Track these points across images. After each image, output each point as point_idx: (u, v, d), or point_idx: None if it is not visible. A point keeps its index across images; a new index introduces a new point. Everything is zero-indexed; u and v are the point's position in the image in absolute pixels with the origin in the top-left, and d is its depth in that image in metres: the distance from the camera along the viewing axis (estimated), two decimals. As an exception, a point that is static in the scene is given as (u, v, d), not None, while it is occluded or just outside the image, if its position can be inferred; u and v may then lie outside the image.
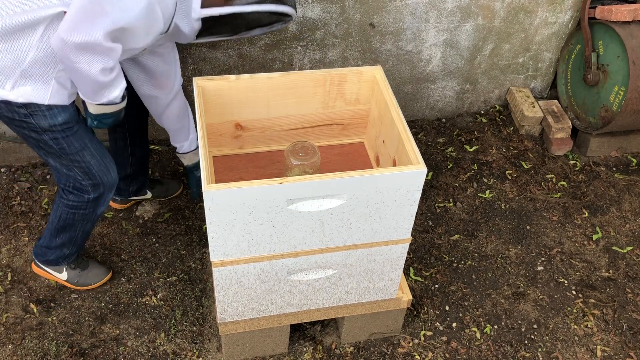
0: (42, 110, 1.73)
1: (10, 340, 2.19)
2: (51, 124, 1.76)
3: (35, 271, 2.33)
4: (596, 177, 2.96)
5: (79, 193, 1.98)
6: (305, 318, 2.06)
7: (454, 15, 2.82)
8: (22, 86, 1.68)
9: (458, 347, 2.26)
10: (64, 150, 1.83)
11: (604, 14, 2.80)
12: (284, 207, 1.64)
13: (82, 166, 1.89)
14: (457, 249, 2.59)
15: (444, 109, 3.21)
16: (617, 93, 2.78)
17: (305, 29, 2.70)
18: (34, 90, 1.69)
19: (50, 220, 2.11)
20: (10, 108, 1.71)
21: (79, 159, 1.87)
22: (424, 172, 1.66)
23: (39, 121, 1.74)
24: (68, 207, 2.02)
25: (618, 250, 2.64)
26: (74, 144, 1.84)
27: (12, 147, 2.79)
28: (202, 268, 2.45)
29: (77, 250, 2.22)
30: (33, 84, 1.69)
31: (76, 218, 2.05)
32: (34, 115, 1.73)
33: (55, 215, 2.07)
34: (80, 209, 2.02)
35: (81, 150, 1.86)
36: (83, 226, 2.09)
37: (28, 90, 1.69)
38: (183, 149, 2.28)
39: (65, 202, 2.01)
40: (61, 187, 2.00)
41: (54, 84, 1.71)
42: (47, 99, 1.72)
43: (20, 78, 1.67)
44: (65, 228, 2.09)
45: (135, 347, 2.19)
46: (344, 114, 2.07)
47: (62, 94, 1.75)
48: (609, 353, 2.28)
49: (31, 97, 1.70)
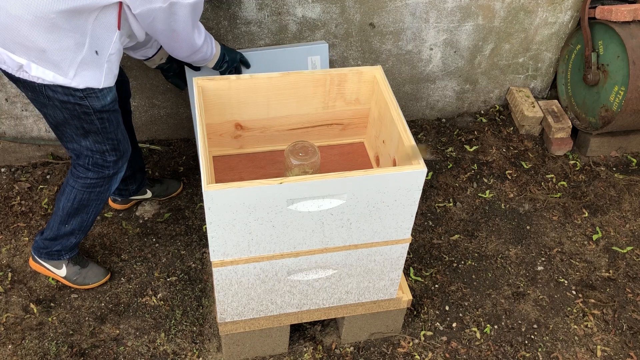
0: (95, 93, 1.87)
1: (10, 340, 2.19)
2: (103, 105, 1.91)
3: (33, 267, 2.33)
4: (596, 177, 2.96)
5: (99, 169, 2.07)
6: (305, 318, 2.06)
7: (454, 15, 2.82)
8: (82, 72, 1.80)
9: (458, 347, 2.26)
10: (105, 128, 1.97)
11: (604, 14, 2.80)
12: (284, 207, 1.64)
13: (114, 142, 2.03)
14: (457, 249, 2.59)
15: (444, 109, 3.21)
16: (617, 93, 2.78)
17: (305, 29, 2.70)
18: (91, 75, 1.83)
19: (62, 206, 2.14)
20: (67, 91, 1.83)
21: (113, 136, 2.02)
22: (424, 172, 1.66)
23: (92, 103, 1.88)
24: (85, 186, 2.09)
25: (618, 250, 2.64)
26: (113, 122, 1.99)
27: (12, 147, 2.79)
28: (202, 268, 2.45)
29: (83, 237, 2.27)
30: (91, 70, 1.82)
31: (91, 197, 2.13)
32: (88, 98, 1.86)
33: (69, 198, 2.12)
34: (97, 187, 2.11)
35: (117, 127, 2.02)
36: (96, 207, 2.17)
37: (87, 75, 1.82)
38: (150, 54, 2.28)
39: (82, 181, 2.08)
40: (81, 165, 2.07)
41: (106, 68, 1.85)
42: (101, 83, 1.86)
43: (80, 65, 1.79)
44: (79, 210, 2.14)
45: (135, 347, 2.19)
46: (344, 114, 2.07)
47: (110, 76, 1.89)
48: (609, 353, 2.28)
49: (90, 82, 1.83)
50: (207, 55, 2.10)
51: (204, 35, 2.01)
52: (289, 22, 2.66)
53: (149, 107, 2.83)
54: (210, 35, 2.09)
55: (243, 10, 2.57)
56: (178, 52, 2.01)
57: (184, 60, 2.09)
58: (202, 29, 2.00)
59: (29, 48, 1.72)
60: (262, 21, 2.63)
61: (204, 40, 2.02)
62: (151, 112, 2.86)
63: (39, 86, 1.81)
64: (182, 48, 1.98)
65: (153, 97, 2.80)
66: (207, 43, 2.06)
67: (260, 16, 2.61)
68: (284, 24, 2.66)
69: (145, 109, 2.83)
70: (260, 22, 2.63)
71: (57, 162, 2.84)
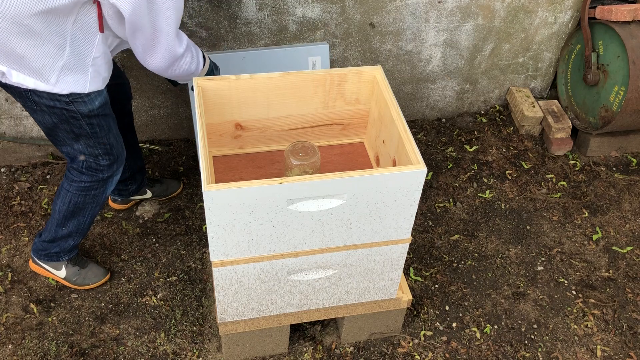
0: (81, 97, 1.83)
1: (10, 340, 2.19)
2: (90, 109, 1.87)
3: (33, 268, 2.33)
4: (596, 177, 2.96)
5: (93, 173, 2.06)
6: (305, 318, 2.06)
7: (454, 15, 2.82)
8: (64, 78, 1.77)
9: (458, 347, 2.26)
10: (95, 133, 1.94)
11: (604, 14, 2.79)
12: (284, 207, 1.64)
13: (106, 146, 2.01)
14: (457, 249, 2.59)
15: (444, 109, 3.21)
16: (617, 93, 2.78)
17: (305, 29, 2.70)
18: (75, 80, 1.79)
19: (57, 209, 2.13)
20: (53, 97, 1.80)
21: (105, 141, 1.99)
22: (424, 172, 1.66)
23: (79, 107, 1.85)
24: (80, 189, 2.08)
25: (618, 250, 2.64)
26: (104, 126, 1.96)
27: (12, 147, 2.79)
28: (202, 268, 2.45)
29: (81, 239, 2.26)
30: (74, 75, 1.78)
31: (87, 200, 2.11)
32: (74, 103, 1.83)
33: (64, 201, 2.11)
34: (91, 190, 2.09)
35: (108, 132, 1.98)
36: (92, 210, 2.16)
37: (70, 81, 1.78)
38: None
39: (77, 185, 2.07)
40: (75, 169, 2.06)
41: (91, 72, 1.81)
42: (87, 87, 1.82)
43: (62, 71, 1.75)
44: (75, 213, 2.13)
45: (135, 347, 2.19)
46: (344, 114, 2.07)
47: (97, 80, 1.85)
48: (609, 353, 2.28)
49: (74, 87, 1.80)
50: (191, 69, 1.93)
51: (185, 43, 1.86)
52: (289, 22, 2.66)
53: (149, 107, 2.83)
54: (197, 49, 1.97)
55: (243, 10, 2.57)
56: (156, 61, 1.83)
57: (164, 73, 1.91)
58: (185, 38, 1.87)
59: (8, 54, 1.69)
60: (262, 21, 2.63)
61: (185, 48, 1.86)
62: (151, 112, 2.86)
63: (25, 91, 1.79)
64: (161, 54, 1.81)
65: (153, 97, 2.80)
66: (192, 54, 1.91)
67: (260, 16, 2.61)
68: (284, 24, 2.66)
69: (145, 109, 2.83)
70: (260, 22, 2.63)
71: (57, 162, 2.84)
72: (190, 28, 2.58)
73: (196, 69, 1.96)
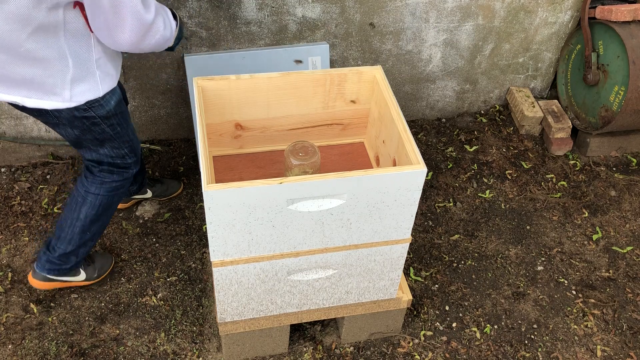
0: (98, 102, 1.84)
1: (10, 340, 2.19)
2: (108, 110, 1.88)
3: (42, 287, 2.24)
4: (596, 177, 2.96)
5: (122, 171, 2.09)
6: (305, 318, 2.06)
7: (454, 15, 2.82)
8: (77, 89, 1.77)
9: (458, 347, 2.26)
10: (118, 133, 1.97)
11: (604, 14, 2.79)
12: (284, 207, 1.64)
13: (130, 144, 2.05)
14: (457, 249, 2.59)
15: (444, 109, 3.21)
16: (617, 93, 2.78)
17: (305, 28, 2.70)
18: (88, 88, 1.79)
19: (82, 217, 2.10)
20: (70, 109, 1.80)
21: (128, 138, 2.02)
22: (424, 172, 1.66)
23: (97, 112, 1.86)
24: (110, 189, 2.10)
25: (618, 250, 2.64)
26: (123, 124, 1.98)
27: (12, 147, 2.79)
28: (202, 268, 2.45)
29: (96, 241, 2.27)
30: (85, 84, 1.78)
31: (114, 200, 2.14)
32: (92, 108, 1.84)
33: (93, 206, 2.10)
34: (121, 188, 2.13)
35: (127, 129, 2.01)
36: (115, 207, 2.19)
37: (84, 90, 1.78)
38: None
39: (108, 186, 2.09)
40: (104, 171, 2.07)
41: (99, 74, 1.80)
42: (100, 91, 1.82)
43: (73, 83, 1.75)
44: (101, 215, 2.14)
45: (135, 347, 2.19)
46: (344, 114, 2.07)
47: (108, 80, 1.84)
48: (609, 353, 2.28)
49: (88, 95, 1.80)
50: (166, 34, 1.76)
51: (153, 8, 1.67)
52: (289, 22, 2.66)
53: (149, 107, 2.83)
54: (164, 8, 1.79)
55: (243, 10, 2.57)
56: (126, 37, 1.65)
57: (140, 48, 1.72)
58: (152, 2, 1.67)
59: (19, 83, 1.71)
60: (262, 21, 2.63)
61: (155, 13, 1.67)
62: (151, 112, 2.86)
63: (44, 110, 1.80)
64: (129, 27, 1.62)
65: (153, 97, 2.80)
66: (162, 18, 1.73)
67: (260, 16, 2.61)
68: (284, 24, 2.66)
69: (145, 109, 2.83)
70: (260, 22, 2.63)
71: (57, 162, 2.84)
72: (190, 28, 2.58)
73: (171, 33, 1.81)
